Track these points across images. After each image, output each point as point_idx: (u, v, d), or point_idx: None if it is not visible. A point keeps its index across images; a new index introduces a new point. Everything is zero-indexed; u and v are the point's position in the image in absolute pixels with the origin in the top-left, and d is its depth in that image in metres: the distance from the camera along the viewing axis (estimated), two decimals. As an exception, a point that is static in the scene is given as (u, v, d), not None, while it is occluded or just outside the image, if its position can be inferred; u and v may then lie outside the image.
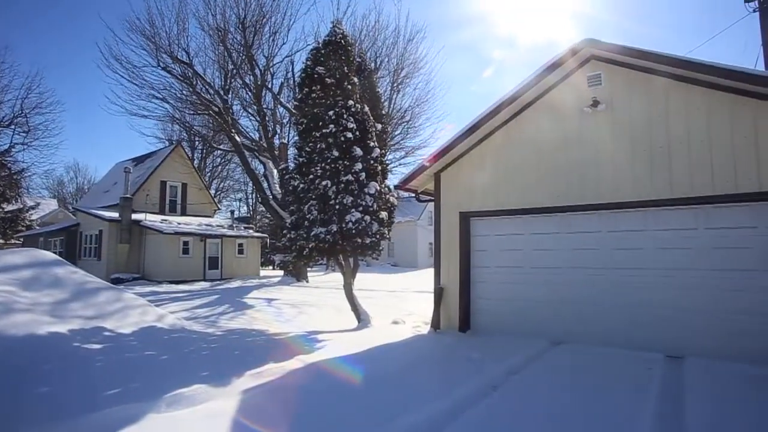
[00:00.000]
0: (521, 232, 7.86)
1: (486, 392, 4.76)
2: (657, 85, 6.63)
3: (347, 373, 5.48)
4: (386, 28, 29.00)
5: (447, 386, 4.93)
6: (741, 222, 6.09)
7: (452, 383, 5.06)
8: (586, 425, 3.95)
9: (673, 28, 52.40)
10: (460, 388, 4.87)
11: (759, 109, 5.92)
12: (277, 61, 23.77)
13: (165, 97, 22.67)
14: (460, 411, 4.21)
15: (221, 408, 4.17)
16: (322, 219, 8.81)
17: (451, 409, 4.26)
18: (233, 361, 5.86)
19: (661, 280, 6.52)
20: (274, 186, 22.01)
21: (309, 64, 9.48)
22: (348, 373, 5.45)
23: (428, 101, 26.84)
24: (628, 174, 6.75)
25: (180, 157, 28.75)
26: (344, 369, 5.65)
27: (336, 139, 8.89)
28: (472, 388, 4.86)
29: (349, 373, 5.45)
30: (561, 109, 7.44)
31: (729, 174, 6.04)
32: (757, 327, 5.81)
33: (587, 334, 6.89)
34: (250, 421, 3.95)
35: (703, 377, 5.20)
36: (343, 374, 5.42)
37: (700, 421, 3.93)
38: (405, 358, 6.38)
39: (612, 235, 7.00)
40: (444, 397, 4.57)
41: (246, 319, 10.76)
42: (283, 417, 4.06)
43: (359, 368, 5.66)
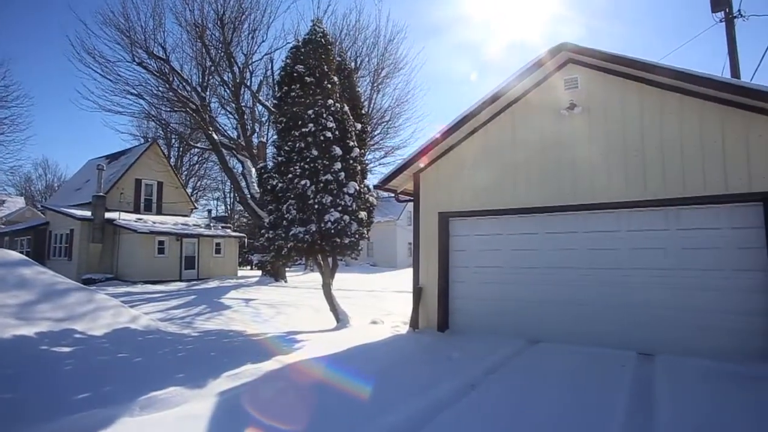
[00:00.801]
0: (500, 232, 7.96)
1: (464, 391, 4.80)
2: (632, 89, 6.81)
3: (326, 373, 5.45)
4: (367, 27, 28.96)
5: (425, 386, 4.95)
6: (708, 223, 6.31)
7: (431, 383, 5.08)
8: (560, 421, 4.02)
9: (657, 32, 53.85)
10: (439, 387, 4.90)
11: (726, 115, 6.13)
12: (257, 59, 23.53)
13: (140, 93, 22.18)
14: (438, 410, 4.23)
15: (197, 411, 4.10)
16: (300, 218, 8.75)
17: (429, 408, 4.28)
18: (209, 363, 5.77)
19: (635, 279, 6.69)
20: (253, 185, 21.75)
21: (289, 62, 9.40)
22: (326, 374, 5.43)
23: (408, 101, 26.94)
24: (603, 176, 6.91)
25: (156, 154, 28.14)
26: (323, 369, 5.63)
27: (315, 139, 8.84)
28: (450, 388, 4.89)
29: (327, 374, 5.42)
30: (539, 112, 7.56)
31: (698, 177, 6.24)
32: (724, 324, 6.03)
33: (564, 333, 7.02)
34: (226, 424, 3.90)
35: (673, 374, 5.34)
36: (321, 375, 5.40)
37: (669, 416, 4.05)
38: (384, 357, 6.38)
39: (588, 235, 7.15)
40: (422, 396, 4.59)
41: (223, 319, 10.61)
42: (261, 419, 4.02)
43: (338, 368, 5.64)
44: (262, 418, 4.03)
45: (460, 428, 3.92)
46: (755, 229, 6.00)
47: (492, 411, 4.28)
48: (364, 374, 5.38)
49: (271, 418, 4.05)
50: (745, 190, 5.95)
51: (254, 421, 3.97)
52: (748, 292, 5.96)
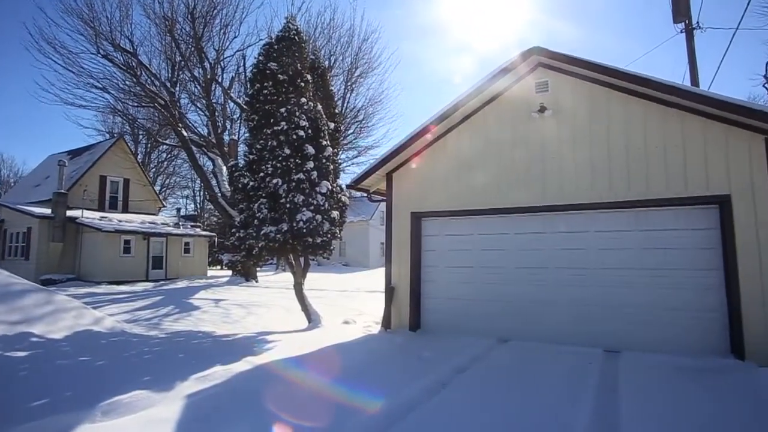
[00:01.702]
0: (470, 232, 8.06)
1: (435, 390, 4.84)
2: (599, 94, 7.01)
3: (296, 374, 5.41)
4: (341, 26, 28.92)
5: (397, 385, 4.97)
6: (670, 224, 6.57)
7: (402, 382, 5.10)
8: (530, 415, 4.10)
9: (632, 38, 55.52)
10: (410, 386, 4.93)
11: (686, 121, 6.40)
12: (228, 55, 23.10)
13: (106, 87, 21.42)
14: (409, 409, 4.25)
15: (164, 414, 3.99)
16: (272, 218, 8.64)
17: (400, 407, 4.30)
18: (177, 365, 5.63)
19: (601, 279, 6.89)
20: (223, 183, 21.33)
21: (261, 59, 9.27)
22: (297, 374, 5.38)
23: (382, 102, 27.03)
24: (572, 178, 7.09)
25: (122, 151, 27.23)
26: (293, 370, 5.58)
27: (288, 137, 8.75)
28: (421, 387, 4.92)
29: (298, 374, 5.38)
30: (510, 114, 7.70)
31: (661, 180, 6.48)
32: (684, 321, 6.30)
33: (533, 331, 7.17)
34: (195, 428, 3.81)
35: (637, 369, 5.53)
36: (292, 375, 5.35)
37: (633, 407, 4.20)
38: (355, 357, 6.37)
39: (556, 235, 7.33)
40: (394, 395, 4.60)
41: (192, 320, 10.38)
42: (230, 421, 3.95)
43: (309, 369, 5.60)
44: (232, 421, 3.96)
45: (431, 427, 3.95)
46: (712, 230, 6.29)
47: (462, 409, 4.33)
48: (335, 374, 5.37)
49: (242, 421, 3.98)
50: (703, 193, 6.22)
51: (224, 424, 3.90)
52: (706, 289, 6.25)
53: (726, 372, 5.37)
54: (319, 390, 4.82)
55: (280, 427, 3.85)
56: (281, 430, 3.81)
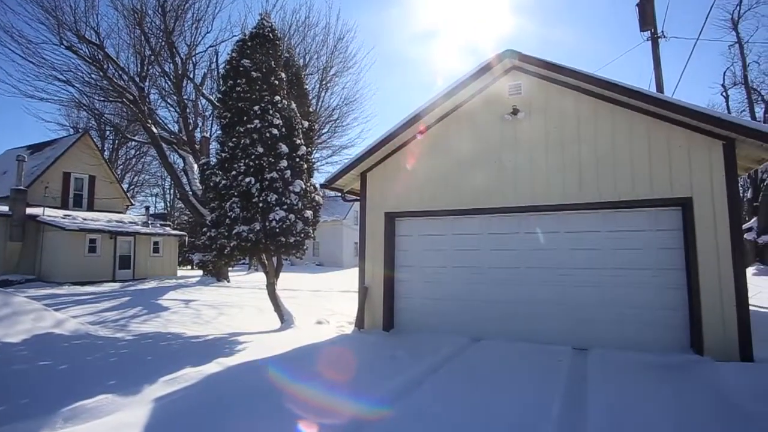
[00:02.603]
0: (444, 232, 8.14)
1: (409, 389, 4.87)
2: (569, 97, 7.18)
3: (269, 375, 5.33)
4: (316, 24, 28.75)
5: (370, 385, 4.97)
6: (637, 225, 6.79)
7: (375, 382, 5.11)
8: (502, 411, 4.17)
9: (610, 42, 56.95)
10: (383, 386, 4.94)
11: (651, 126, 6.63)
12: (201, 51, 22.65)
13: (69, 80, 20.62)
14: (383, 409, 4.26)
15: (130, 419, 3.88)
16: (244, 217, 8.51)
17: (374, 407, 4.30)
18: (145, 368, 5.48)
19: (572, 278, 7.06)
20: (195, 181, 20.85)
21: (235, 55, 9.11)
22: (269, 376, 5.31)
23: (357, 101, 27.00)
24: (544, 179, 7.24)
25: (87, 146, 26.25)
26: (266, 371, 5.50)
27: (261, 135, 8.63)
28: (395, 386, 4.94)
29: (270, 376, 5.31)
30: (484, 116, 7.80)
31: (628, 182, 6.69)
32: (649, 319, 6.52)
33: (505, 330, 7.28)
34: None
35: (604, 366, 5.69)
36: (264, 377, 5.27)
37: (599, 402, 4.33)
38: (328, 358, 6.35)
39: (528, 236, 7.47)
40: (367, 396, 4.60)
41: (161, 321, 10.11)
42: (200, 424, 3.87)
43: (282, 370, 5.54)
44: (202, 424, 3.88)
45: (403, 427, 3.97)
46: (675, 231, 6.53)
47: (436, 407, 4.37)
48: (308, 375, 5.33)
49: (212, 423, 3.91)
50: (667, 196, 6.45)
51: (194, 427, 3.82)
52: (669, 288, 6.48)
53: (686, 367, 5.60)
54: (292, 391, 4.78)
55: (250, 429, 3.80)
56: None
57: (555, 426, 3.89)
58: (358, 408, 4.26)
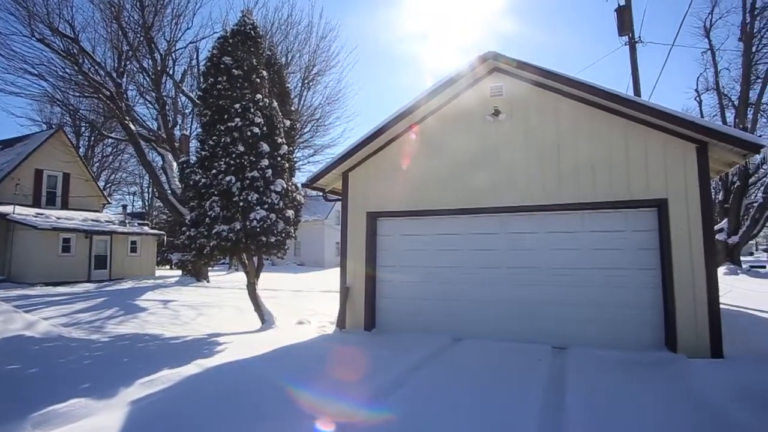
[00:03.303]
0: (426, 232, 8.16)
1: (391, 389, 4.87)
2: (549, 99, 7.28)
3: (249, 376, 5.27)
4: (299, 23, 28.59)
5: (352, 386, 4.95)
6: (614, 226, 6.92)
7: (356, 382, 5.09)
8: (483, 409, 4.21)
9: (591, 42, 57.85)
10: (365, 386, 4.93)
11: (629, 129, 6.76)
12: (180, 47, 22.31)
13: (42, 74, 19.98)
14: (364, 409, 4.25)
15: (104, 423, 3.78)
16: (225, 216, 8.41)
17: (355, 407, 4.29)
18: (121, 370, 5.36)
19: (551, 278, 7.16)
20: (174, 180, 20.50)
21: (215, 53, 8.99)
22: (250, 377, 5.25)
23: (339, 100, 27.00)
24: (524, 180, 7.32)
25: (61, 143, 25.51)
26: (246, 372, 5.44)
27: (242, 134, 8.53)
28: (376, 386, 4.94)
29: (251, 377, 5.25)
30: (466, 117, 7.85)
31: (606, 183, 6.81)
32: (625, 318, 6.66)
33: (486, 329, 7.34)
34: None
35: (582, 364, 5.79)
36: (244, 378, 5.21)
37: (577, 398, 4.41)
38: (309, 358, 6.30)
39: (509, 236, 7.54)
40: (349, 396, 4.59)
41: (138, 322, 9.90)
42: (178, 427, 3.80)
43: (262, 371, 5.48)
44: (180, 427, 3.81)
45: (387, 427, 3.96)
46: (651, 231, 6.68)
47: (418, 407, 4.37)
48: (289, 376, 5.28)
49: (190, 427, 3.84)
50: (644, 197, 6.60)
51: (172, 431, 3.75)
52: (645, 288, 6.63)
53: (660, 364, 5.74)
54: (272, 392, 4.73)
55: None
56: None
57: (536, 424, 3.94)
58: (339, 408, 4.24)
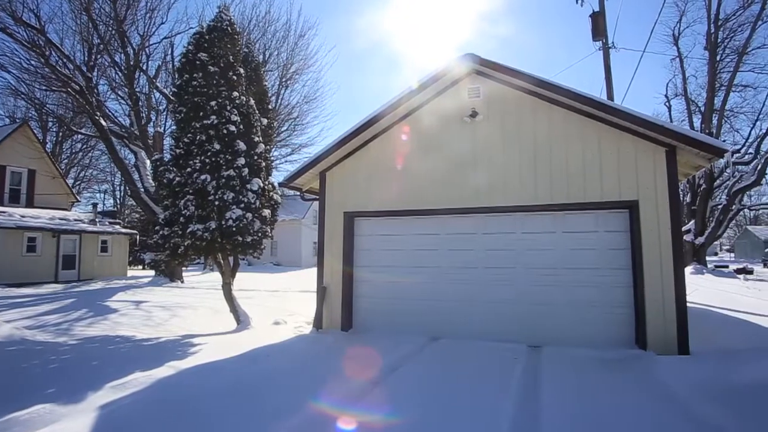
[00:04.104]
0: (403, 232, 8.18)
1: (367, 389, 4.86)
2: (526, 102, 7.39)
3: (224, 378, 5.18)
4: (277, 20, 28.30)
5: (328, 385, 4.93)
6: (588, 227, 7.07)
7: (333, 382, 5.07)
8: (461, 407, 4.24)
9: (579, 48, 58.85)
10: (341, 386, 4.91)
11: (602, 132, 6.92)
12: (155, 42, 21.83)
13: (4, 65, 19.14)
14: (341, 409, 4.24)
15: (71, 429, 3.66)
16: (199, 215, 8.26)
17: (332, 407, 4.27)
18: (90, 374, 5.21)
19: (527, 278, 7.27)
20: (147, 178, 19.99)
21: (191, 48, 8.82)
22: (225, 379, 5.16)
23: (317, 99, 26.86)
24: (500, 181, 7.41)
25: (26, 138, 24.56)
26: (221, 374, 5.35)
27: (218, 132, 8.39)
28: (353, 386, 4.92)
29: (226, 379, 5.16)
30: (444, 118, 7.89)
31: (580, 185, 6.95)
32: (599, 316, 6.82)
33: (463, 329, 7.40)
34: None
35: (556, 362, 5.90)
36: (219, 380, 5.12)
37: (552, 395, 4.49)
38: (285, 359, 6.24)
39: (486, 236, 7.63)
40: (326, 396, 4.56)
41: (108, 324, 9.62)
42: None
43: (237, 372, 5.41)
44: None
45: (364, 427, 3.96)
46: (623, 232, 6.86)
47: (395, 406, 4.38)
48: (265, 376, 5.23)
49: (162, 431, 3.76)
50: (616, 198, 6.76)
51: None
52: (617, 287, 6.80)
53: (630, 361, 5.91)
54: (247, 394, 4.66)
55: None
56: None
57: (510, 422, 3.99)
58: (315, 410, 4.22)
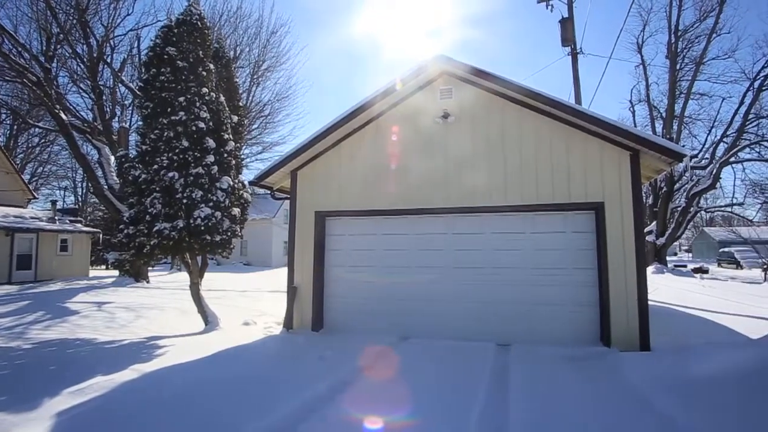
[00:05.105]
0: (374, 232, 8.18)
1: (339, 389, 4.84)
2: (497, 104, 7.50)
3: (191, 380, 5.06)
4: (249, 16, 27.88)
5: (298, 387, 4.88)
6: (557, 228, 7.24)
7: (303, 383, 5.02)
8: (431, 405, 4.26)
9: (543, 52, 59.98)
10: (312, 387, 4.86)
11: (570, 135, 7.10)
12: (120, 34, 21.17)
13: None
14: (311, 410, 4.21)
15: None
16: (167, 213, 8.04)
17: (301, 409, 4.23)
18: (46, 379, 5.00)
19: (496, 277, 7.38)
20: (111, 175, 19.28)
21: (159, 42, 8.58)
22: (192, 381, 5.04)
23: (289, 97, 26.60)
24: (470, 182, 7.50)
25: (-20, 132, 23.45)
26: (187, 376, 5.23)
27: (186, 128, 8.19)
28: (323, 387, 4.88)
29: (193, 381, 5.04)
30: (415, 119, 7.93)
31: (548, 187, 7.11)
32: (566, 315, 6.99)
33: (433, 328, 7.45)
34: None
35: (524, 360, 6.01)
36: (186, 382, 5.00)
37: (519, 391, 4.59)
38: (255, 360, 6.15)
39: (455, 237, 7.71)
40: (295, 398, 4.51)
41: (68, 327, 9.25)
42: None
43: (205, 374, 5.29)
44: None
45: (333, 427, 3.93)
46: (589, 233, 7.05)
47: (365, 407, 4.37)
48: (233, 378, 5.13)
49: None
50: (582, 200, 6.94)
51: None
52: (584, 286, 6.98)
53: (595, 357, 6.08)
54: (216, 395, 4.57)
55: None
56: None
57: (477, 423, 4.05)
58: (282, 413, 4.17)
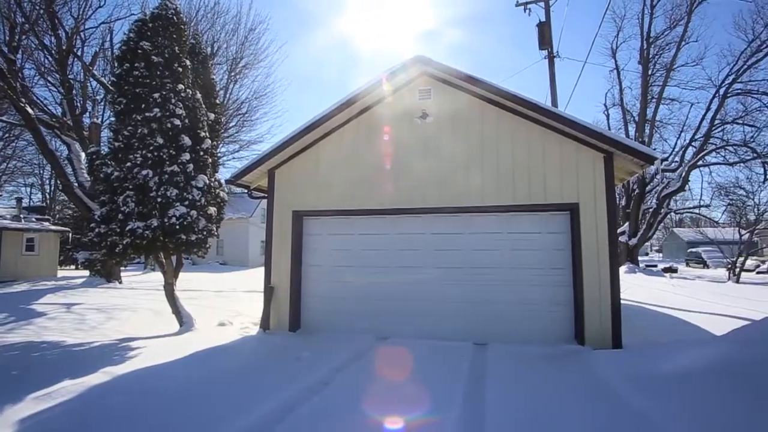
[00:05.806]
0: (352, 232, 8.16)
1: (316, 389, 4.80)
2: (475, 105, 7.57)
3: (165, 383, 4.95)
4: (227, 12, 27.46)
5: (275, 387, 4.83)
6: (533, 228, 7.36)
7: (280, 384, 4.97)
8: (406, 404, 4.27)
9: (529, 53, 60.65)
10: (289, 388, 4.82)
11: (546, 137, 7.22)
12: (91, 26, 20.40)
13: None
14: (289, 411, 4.17)
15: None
16: (140, 212, 7.84)
17: (279, 410, 4.19)
18: (9, 385, 4.83)
19: (473, 277, 7.45)
20: (81, 172, 18.68)
21: (132, 36, 8.35)
22: (166, 383, 4.93)
23: (267, 95, 26.27)
24: (449, 182, 7.55)
25: (-59, 126, 22.45)
26: (161, 378, 5.11)
27: (161, 125, 8.01)
28: (300, 387, 4.85)
29: (167, 383, 4.94)
30: (394, 119, 7.95)
31: (525, 188, 7.22)
32: (542, 314, 7.11)
33: (411, 328, 7.48)
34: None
35: (500, 358, 6.09)
36: (159, 385, 4.88)
37: (496, 387, 4.65)
38: (231, 361, 6.05)
39: (434, 237, 7.75)
40: (271, 398, 4.47)
41: (33, 329, 8.92)
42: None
43: (179, 376, 5.18)
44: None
45: (311, 427, 3.91)
46: (564, 233, 7.18)
47: (342, 406, 4.35)
48: (209, 379, 5.05)
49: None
50: (558, 201, 7.07)
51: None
52: (559, 286, 7.11)
53: (569, 355, 6.21)
54: (191, 397, 4.48)
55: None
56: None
57: (456, 421, 4.08)
58: (259, 414, 4.12)
